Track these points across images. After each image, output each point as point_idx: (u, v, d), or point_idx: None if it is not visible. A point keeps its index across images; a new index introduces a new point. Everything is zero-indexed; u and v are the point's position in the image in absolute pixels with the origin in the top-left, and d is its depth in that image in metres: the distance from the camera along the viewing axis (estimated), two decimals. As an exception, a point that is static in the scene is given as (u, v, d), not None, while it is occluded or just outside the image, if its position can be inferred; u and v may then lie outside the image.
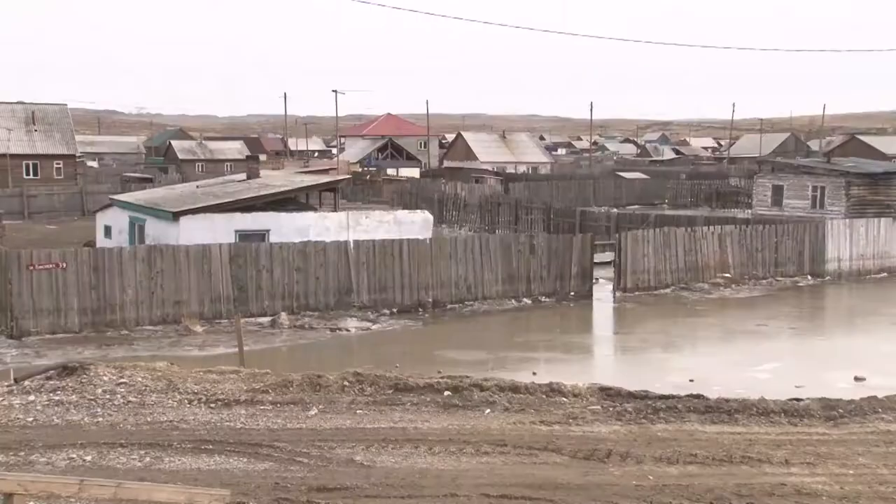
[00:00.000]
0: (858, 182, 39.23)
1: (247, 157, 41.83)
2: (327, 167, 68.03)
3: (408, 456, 10.25)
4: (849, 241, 29.11)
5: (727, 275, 27.05)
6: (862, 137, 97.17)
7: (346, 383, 13.24)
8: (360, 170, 76.65)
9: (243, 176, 30.94)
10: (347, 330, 21.29)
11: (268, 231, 24.67)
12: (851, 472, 9.68)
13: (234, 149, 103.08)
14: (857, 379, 15.89)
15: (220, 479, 9.23)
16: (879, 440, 10.87)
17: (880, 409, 12.16)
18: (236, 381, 13.45)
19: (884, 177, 40.17)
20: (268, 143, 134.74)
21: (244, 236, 24.13)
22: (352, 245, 23.00)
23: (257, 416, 11.79)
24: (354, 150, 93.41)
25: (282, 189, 27.51)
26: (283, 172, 43.23)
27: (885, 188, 39.46)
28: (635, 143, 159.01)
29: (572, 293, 24.91)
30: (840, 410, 12.10)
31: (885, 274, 29.31)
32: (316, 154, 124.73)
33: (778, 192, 41.77)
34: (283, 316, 21.65)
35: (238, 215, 24.89)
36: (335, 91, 78.64)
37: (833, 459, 10.10)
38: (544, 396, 12.91)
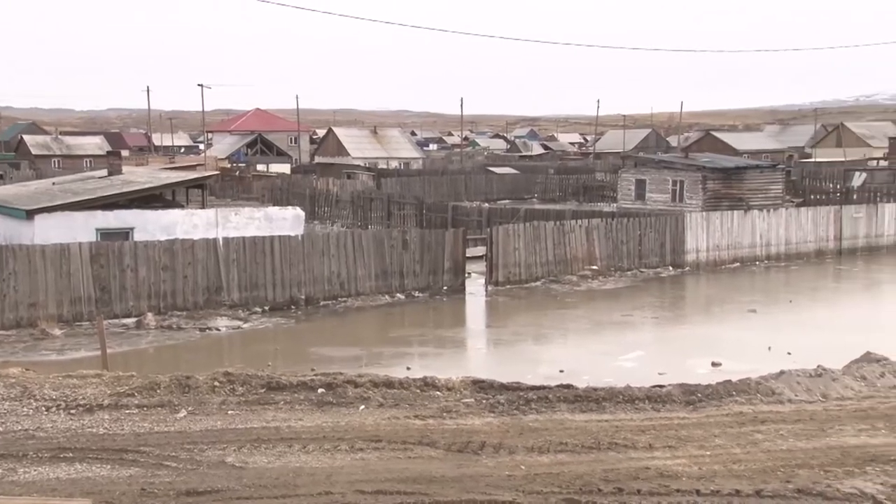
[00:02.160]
0: (713, 177, 41.23)
1: (108, 152, 40.22)
2: (194, 163, 66.25)
3: (281, 455, 10.10)
4: (706, 233, 30.55)
5: (594, 267, 27.92)
6: (716, 134, 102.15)
7: (216, 384, 12.92)
8: (228, 166, 74.96)
9: (104, 172, 29.70)
10: (218, 329, 20.77)
11: (132, 229, 23.78)
12: (708, 453, 10.17)
13: (94, 144, 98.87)
14: (714, 364, 16.69)
15: (81, 487, 8.84)
16: (733, 422, 11.47)
17: (734, 392, 12.83)
18: (99, 386, 12.91)
19: (736, 172, 42.37)
20: (130, 138, 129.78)
21: (106, 235, 23.17)
22: (221, 242, 22.44)
23: (122, 421, 11.35)
24: (223, 146, 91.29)
25: (146, 186, 26.57)
26: (147, 169, 41.74)
27: (738, 182, 41.63)
28: (505, 138, 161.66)
29: (445, 288, 25.13)
30: (699, 395, 12.69)
31: (738, 264, 30.91)
32: (182, 150, 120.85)
33: (641, 186, 43.40)
34: (150, 316, 20.92)
35: (99, 213, 23.88)
36: (201, 85, 76.63)
37: (692, 442, 10.58)
38: (418, 391, 12.98)
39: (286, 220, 26.25)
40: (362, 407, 12.17)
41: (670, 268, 29.51)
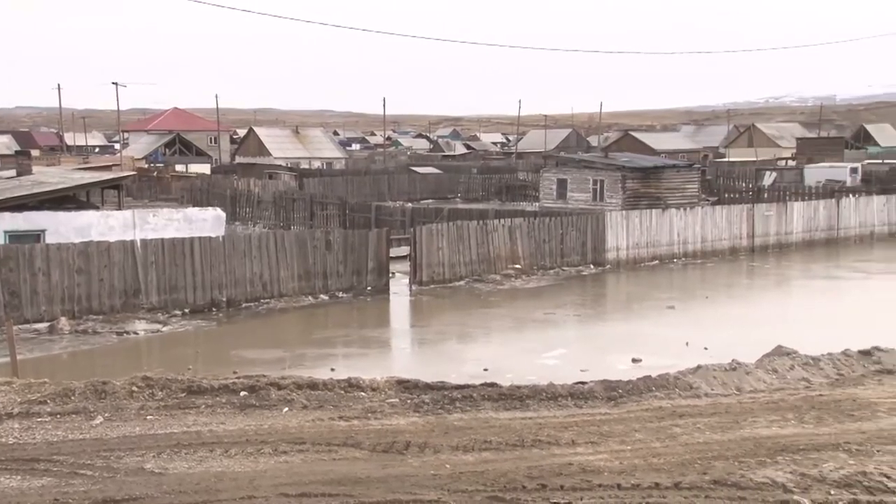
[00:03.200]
0: (633, 176, 42.07)
1: (16, 152, 38.95)
2: (110, 163, 64.47)
3: (203, 460, 9.91)
4: (626, 231, 31.15)
5: (517, 266, 28.19)
6: (635, 134, 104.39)
7: (134, 389, 12.61)
8: (146, 166, 73.32)
9: (13, 172, 28.75)
10: (136, 333, 20.28)
11: (43, 231, 23.04)
12: (629, 447, 10.37)
13: (2, 143, 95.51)
14: (634, 360, 17.02)
15: (-9, 500, 8.52)
16: (653, 416, 11.71)
17: (654, 388, 13.11)
18: (8, 393, 12.46)
19: (654, 171, 43.32)
20: (41, 137, 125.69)
21: (15, 237, 22.41)
22: (139, 244, 21.92)
23: (33, 430, 10.97)
24: (139, 146, 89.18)
25: (58, 186, 25.79)
26: (59, 169, 40.48)
27: (656, 182, 42.56)
28: (428, 138, 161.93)
29: (369, 288, 25.05)
30: (620, 391, 12.92)
31: (657, 261, 31.61)
32: (97, 150, 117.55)
33: (562, 185, 43.99)
34: (63, 321, 20.29)
35: (7, 215, 23.07)
36: (115, 83, 74.61)
37: (614, 437, 10.77)
38: (343, 392, 12.90)
39: (206, 222, 25.80)
40: (286, 409, 12.04)
41: (592, 266, 30.00)
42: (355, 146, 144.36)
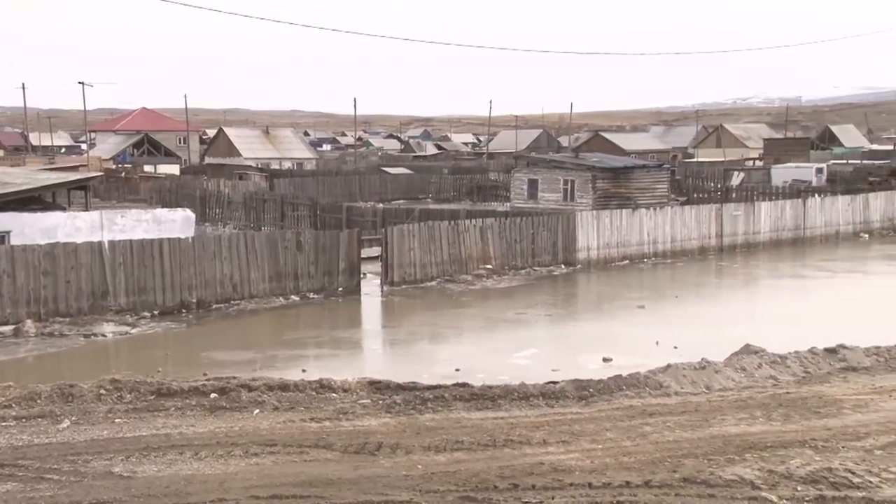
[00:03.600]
0: (603, 176, 42.32)
1: (-18, 151, 38.25)
2: (76, 164, 63.77)
3: (172, 463, 9.83)
4: (596, 231, 31.31)
5: (489, 266, 28.24)
6: (605, 134, 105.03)
7: (102, 391, 12.48)
8: (114, 167, 72.57)
9: (-22, 172, 28.28)
10: (104, 335, 20.05)
11: (8, 233, 22.72)
12: (600, 446, 10.43)
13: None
14: (605, 360, 17.11)
15: (-44, 506, 8.39)
16: (624, 415, 11.80)
17: (624, 387, 13.21)
18: (-26, 398, 12.27)
19: (624, 171, 43.61)
20: (5, 137, 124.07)
21: (-20, 239, 22.06)
22: (107, 246, 21.67)
23: (-1, 434, 10.82)
24: (107, 146, 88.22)
25: (23, 187, 25.45)
26: (24, 169, 39.96)
27: (626, 181, 42.86)
28: (399, 138, 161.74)
29: (341, 289, 24.97)
30: (591, 390, 13.00)
31: (627, 261, 31.81)
32: (63, 150, 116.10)
33: (533, 185, 44.15)
34: (29, 323, 20.00)
35: (-28, 216, 22.74)
36: (82, 83, 73.74)
37: (585, 436, 10.84)
38: (314, 393, 12.86)
39: (175, 223, 25.59)
40: (257, 411, 11.97)
41: (563, 266, 30.12)
42: (326, 146, 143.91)
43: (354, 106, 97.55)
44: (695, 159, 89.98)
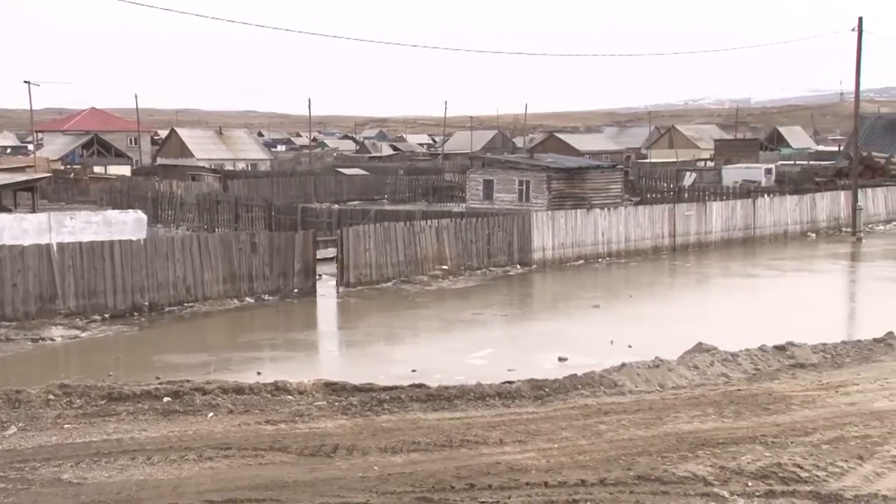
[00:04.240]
0: (558, 176, 42.61)
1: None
2: (23, 164, 62.48)
3: (124, 469, 9.68)
4: (551, 231, 31.50)
5: (445, 267, 28.27)
6: (560, 135, 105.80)
7: (51, 397, 12.24)
8: (62, 167, 71.28)
9: (-79, 173, 27.58)
10: (52, 339, 19.67)
11: (-47, 235, 22.18)
12: (556, 445, 10.50)
13: None
14: (560, 359, 17.21)
15: None
16: (579, 414, 11.89)
17: (580, 386, 13.32)
18: (-83, 405, 11.96)
19: (579, 172, 43.96)
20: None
21: (-76, 241, 21.50)
22: (55, 248, 21.26)
23: (-56, 442, 10.56)
24: (55, 147, 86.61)
25: (-31, 188, 24.86)
26: (-30, 169, 39.04)
27: (580, 182, 43.20)
28: (354, 139, 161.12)
29: (296, 290, 24.80)
30: (546, 389, 13.08)
31: (582, 261, 32.06)
32: (8, 150, 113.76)
33: (489, 186, 44.29)
34: (-25, 328, 19.56)
35: (-85, 218, 22.16)
36: (28, 82, 72.34)
37: (541, 436, 10.90)
38: (270, 395, 12.76)
39: (127, 224, 25.23)
40: (211, 414, 11.84)
41: (518, 266, 30.26)
42: (280, 147, 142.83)
43: (309, 106, 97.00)
44: (648, 160, 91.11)
